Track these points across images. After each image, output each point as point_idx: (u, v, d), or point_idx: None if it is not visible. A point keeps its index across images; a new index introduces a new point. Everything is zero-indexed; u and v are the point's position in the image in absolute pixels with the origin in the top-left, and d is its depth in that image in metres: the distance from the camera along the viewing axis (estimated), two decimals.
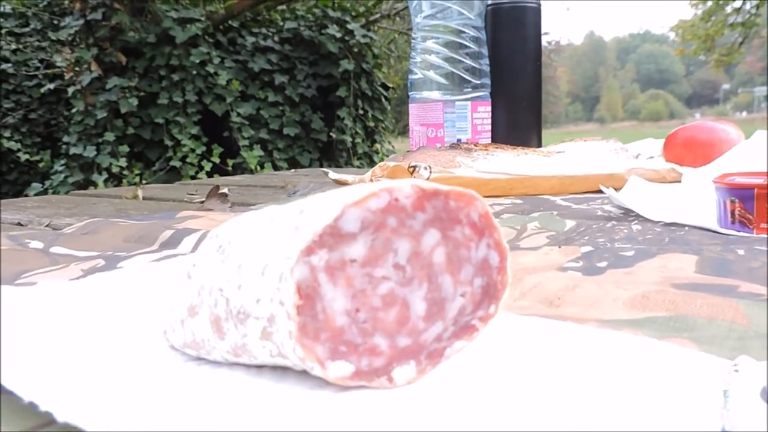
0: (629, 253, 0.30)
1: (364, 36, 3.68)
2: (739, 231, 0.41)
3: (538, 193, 0.64)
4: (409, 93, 0.80)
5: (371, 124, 3.94)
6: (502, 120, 0.84)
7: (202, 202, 0.63)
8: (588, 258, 0.30)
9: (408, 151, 0.70)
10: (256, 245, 0.18)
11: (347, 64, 3.53)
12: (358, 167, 3.97)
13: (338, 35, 3.55)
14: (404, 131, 3.05)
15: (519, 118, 0.86)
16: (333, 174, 0.70)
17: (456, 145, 0.70)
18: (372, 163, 4.08)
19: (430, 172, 0.60)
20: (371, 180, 0.62)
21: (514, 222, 0.45)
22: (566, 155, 0.76)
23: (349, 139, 3.70)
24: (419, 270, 0.18)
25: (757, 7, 9.32)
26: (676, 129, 0.78)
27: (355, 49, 3.68)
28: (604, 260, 0.29)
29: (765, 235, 0.40)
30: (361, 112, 3.84)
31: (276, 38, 3.55)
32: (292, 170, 1.16)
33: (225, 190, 0.62)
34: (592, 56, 45.11)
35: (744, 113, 33.94)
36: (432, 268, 0.18)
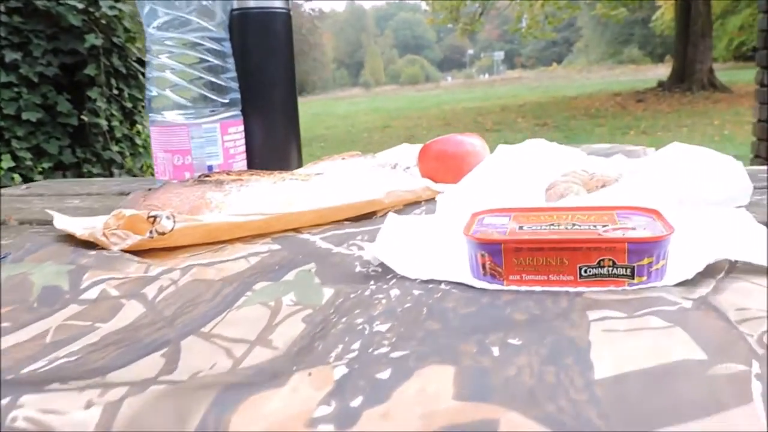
0: (385, 374, 0.28)
1: (111, 8, 3.32)
2: (490, 283, 0.41)
3: (299, 226, 0.61)
4: (149, 114, 0.71)
5: (129, 104, 3.62)
6: (258, 138, 0.78)
7: None
8: (341, 393, 0.26)
9: (150, 189, 0.61)
10: None
11: (94, 39, 3.17)
12: (119, 152, 3.63)
13: (80, 6, 3.16)
14: None
15: (276, 133, 0.81)
16: (59, 221, 0.59)
17: (205, 177, 0.63)
18: (134, 147, 3.75)
19: (174, 221, 0.52)
20: (104, 234, 0.53)
21: (267, 295, 0.41)
22: (325, 177, 0.73)
23: (104, 122, 3.36)
24: None
25: None
26: (428, 142, 0.79)
27: (103, 21, 3.32)
28: (359, 393, 0.26)
29: (515, 287, 0.41)
30: (115, 91, 3.50)
31: (2, 8, 3.05)
32: (25, 186, 0.98)
33: None
34: (353, 23, 46.51)
35: (486, 75, 37.74)
36: None
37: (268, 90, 0.80)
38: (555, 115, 9.41)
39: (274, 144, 0.80)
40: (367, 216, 0.66)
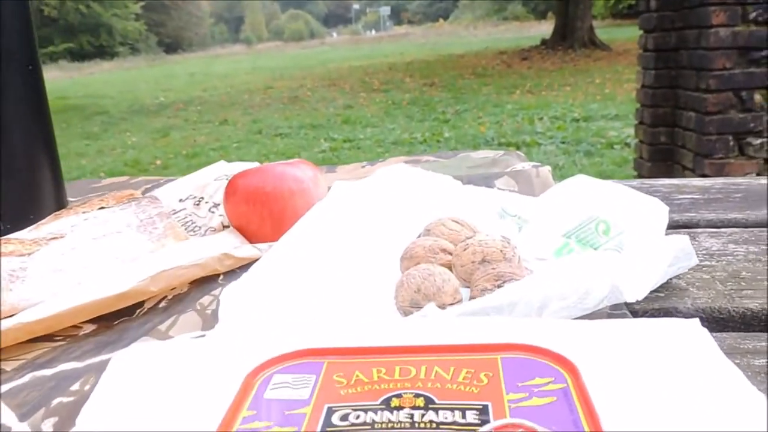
0: None
1: None
2: None
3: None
4: None
5: None
6: None
7: None
8: None
9: None
10: None
11: None
12: None
13: None
14: None
15: (14, 162, 0.52)
16: None
17: None
18: None
19: None
20: None
21: None
22: (64, 244, 0.45)
23: None
24: None
25: None
26: (238, 174, 0.52)
27: None
28: None
29: None
30: None
31: None
32: None
33: None
34: None
35: (373, 31, 37.24)
36: None
37: None
38: (442, 74, 9.27)
39: (20, 180, 0.51)
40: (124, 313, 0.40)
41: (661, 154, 2.75)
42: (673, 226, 0.57)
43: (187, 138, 6.35)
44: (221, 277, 0.46)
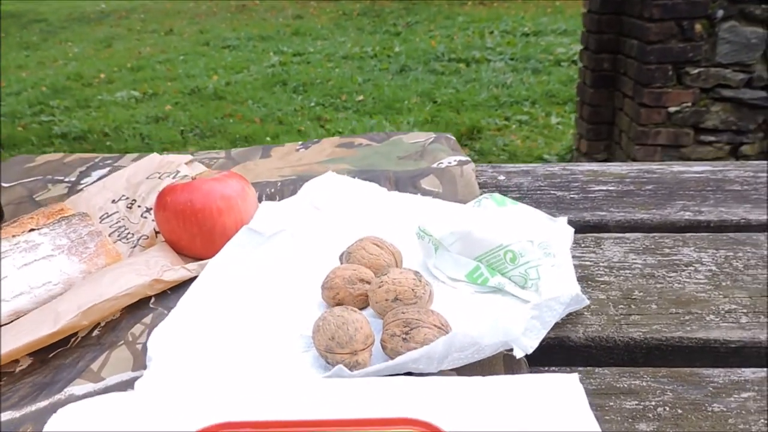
0: None
1: None
2: None
3: None
4: None
5: None
6: None
7: None
8: None
9: None
10: None
11: None
12: None
13: None
14: None
15: None
16: None
17: None
18: None
19: None
20: None
21: None
22: None
23: None
24: None
25: None
26: (165, 189, 0.53)
27: None
28: None
29: None
30: None
31: None
32: None
33: None
34: None
35: None
36: None
37: None
38: None
39: None
40: (58, 344, 0.42)
41: (603, 80, 2.79)
42: (584, 228, 0.61)
43: (131, 49, 6.05)
44: (152, 300, 0.48)
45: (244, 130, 3.75)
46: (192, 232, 0.52)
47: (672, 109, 2.47)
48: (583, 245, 0.56)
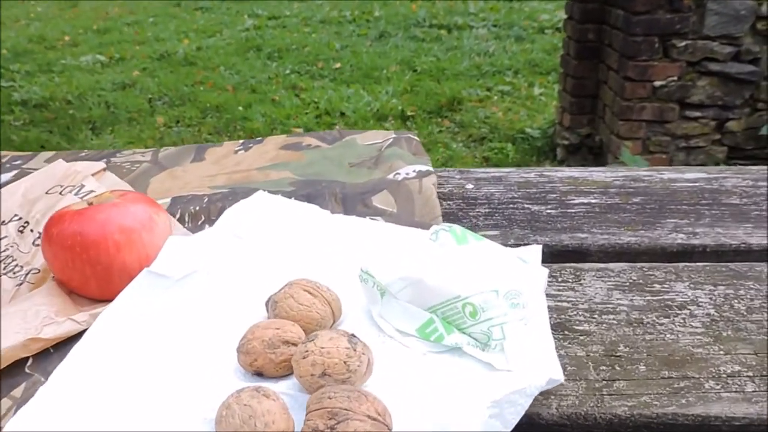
0: None
1: None
2: None
3: None
4: None
5: None
6: None
7: None
8: None
9: None
10: None
11: None
12: None
13: None
14: None
15: None
16: None
17: None
18: None
19: None
20: None
21: None
22: None
23: None
24: None
25: None
26: (51, 218, 0.43)
27: None
28: None
29: None
30: None
31: None
32: None
33: None
34: None
35: None
36: None
37: None
38: None
39: None
40: None
41: (588, 52, 2.68)
42: (562, 253, 0.52)
43: (98, 10, 5.81)
44: (29, 362, 0.39)
45: (216, 99, 3.60)
46: (84, 272, 0.42)
47: (657, 83, 2.38)
48: (560, 279, 0.48)
